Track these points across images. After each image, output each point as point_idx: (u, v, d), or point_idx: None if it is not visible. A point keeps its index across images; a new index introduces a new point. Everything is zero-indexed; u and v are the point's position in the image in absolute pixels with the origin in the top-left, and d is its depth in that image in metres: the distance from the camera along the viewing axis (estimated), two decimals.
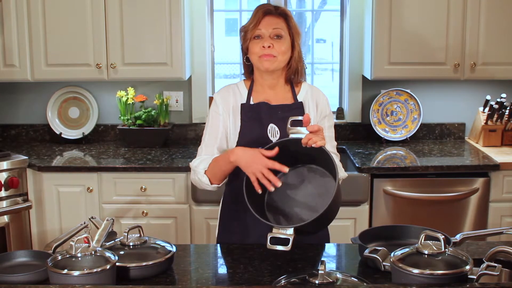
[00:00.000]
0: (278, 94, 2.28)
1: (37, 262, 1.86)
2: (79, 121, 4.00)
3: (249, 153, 2.02)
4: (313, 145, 1.92)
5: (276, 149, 1.99)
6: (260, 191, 1.98)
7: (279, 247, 1.83)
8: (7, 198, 3.34)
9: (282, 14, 2.22)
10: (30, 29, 3.61)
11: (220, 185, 2.20)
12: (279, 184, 1.97)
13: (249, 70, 2.31)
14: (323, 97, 2.33)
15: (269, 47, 2.16)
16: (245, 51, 2.26)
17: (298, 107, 2.26)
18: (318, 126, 1.97)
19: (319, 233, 2.22)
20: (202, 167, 2.17)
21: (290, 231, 1.84)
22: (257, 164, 1.97)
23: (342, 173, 2.24)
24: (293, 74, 2.28)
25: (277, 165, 1.97)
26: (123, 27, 3.59)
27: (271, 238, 1.84)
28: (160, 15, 3.58)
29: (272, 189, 1.98)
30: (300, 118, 1.98)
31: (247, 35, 2.21)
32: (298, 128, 1.98)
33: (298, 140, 1.96)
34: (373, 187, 3.36)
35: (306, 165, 2.06)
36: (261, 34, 2.18)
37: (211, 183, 2.17)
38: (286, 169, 1.97)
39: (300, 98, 2.29)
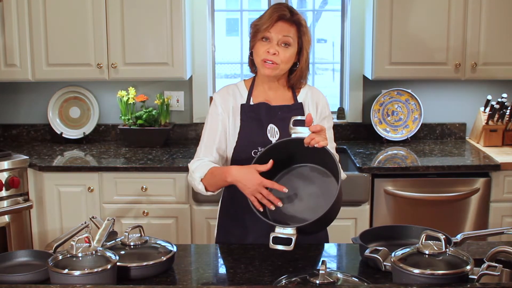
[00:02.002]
0: (278, 95, 2.28)
1: (37, 262, 1.86)
2: (80, 121, 4.00)
3: (245, 174, 1.98)
4: (315, 145, 1.92)
5: (271, 163, 1.98)
6: (261, 209, 1.97)
7: (282, 247, 1.83)
8: (8, 197, 3.34)
9: (296, 22, 2.18)
10: (31, 29, 3.61)
11: (215, 192, 2.19)
12: (280, 204, 1.96)
13: (254, 64, 2.28)
14: (323, 98, 2.33)
15: (274, 54, 2.14)
16: (252, 46, 2.23)
17: (298, 108, 2.25)
18: (321, 126, 1.96)
19: (318, 233, 2.23)
20: (198, 174, 2.14)
21: (293, 231, 1.84)
22: (255, 186, 1.95)
23: (341, 174, 2.23)
24: (298, 80, 2.27)
25: (276, 185, 1.96)
26: (124, 27, 3.59)
27: (273, 237, 1.85)
28: (161, 15, 3.58)
29: (273, 208, 1.97)
30: (302, 118, 1.98)
31: (257, 34, 2.18)
32: (300, 128, 1.97)
33: (301, 140, 1.95)
34: (373, 187, 3.36)
35: (308, 165, 2.06)
36: (270, 38, 2.15)
37: (207, 191, 2.17)
38: (285, 189, 1.96)
39: (300, 99, 2.28)
